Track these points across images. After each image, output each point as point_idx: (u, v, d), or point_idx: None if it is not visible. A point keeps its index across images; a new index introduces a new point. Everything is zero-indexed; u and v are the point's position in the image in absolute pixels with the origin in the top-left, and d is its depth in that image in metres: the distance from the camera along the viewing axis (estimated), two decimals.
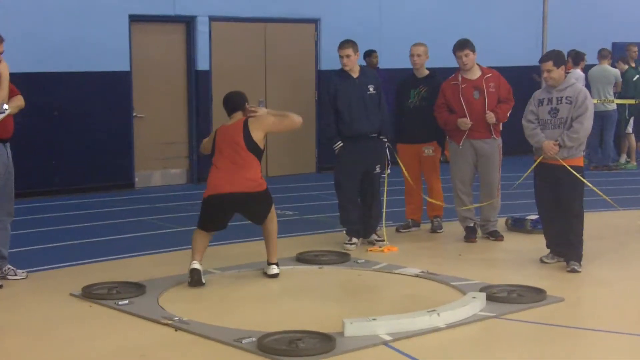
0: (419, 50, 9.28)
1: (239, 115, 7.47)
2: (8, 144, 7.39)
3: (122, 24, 12.41)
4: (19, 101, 7.39)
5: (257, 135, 7.35)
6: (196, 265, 7.21)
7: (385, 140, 8.84)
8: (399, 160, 9.25)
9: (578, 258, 7.70)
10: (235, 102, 7.53)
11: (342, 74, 8.73)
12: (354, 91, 8.65)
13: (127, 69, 12.50)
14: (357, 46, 8.72)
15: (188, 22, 13.06)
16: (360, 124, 8.62)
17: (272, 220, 7.54)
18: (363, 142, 8.64)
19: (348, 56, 8.64)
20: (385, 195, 8.91)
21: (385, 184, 8.93)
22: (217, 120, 12.30)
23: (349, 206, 8.74)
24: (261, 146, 7.41)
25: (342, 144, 8.64)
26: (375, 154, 8.76)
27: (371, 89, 8.71)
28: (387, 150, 8.90)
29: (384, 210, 8.84)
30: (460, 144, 8.87)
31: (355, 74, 8.71)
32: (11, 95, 7.28)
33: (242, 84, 10.92)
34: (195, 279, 7.18)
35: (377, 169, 8.78)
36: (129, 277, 7.38)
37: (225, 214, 7.45)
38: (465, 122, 8.78)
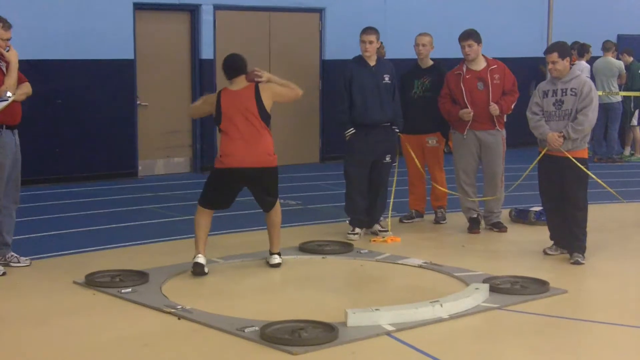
0: (424, 40, 9.26)
1: (241, 80, 7.35)
2: (16, 131, 7.38)
3: (126, 12, 12.37)
4: (26, 88, 7.39)
5: (268, 103, 7.31)
6: (200, 259, 7.19)
7: (397, 130, 8.83)
8: (410, 150, 9.23)
9: (581, 250, 7.69)
10: (239, 66, 7.37)
11: (359, 61, 8.71)
12: (370, 79, 8.62)
13: (131, 57, 12.47)
14: (379, 34, 8.70)
15: (192, 11, 13.03)
16: (374, 112, 8.59)
17: (277, 211, 7.52)
18: (375, 131, 8.61)
19: (371, 42, 8.60)
20: (394, 186, 8.89)
21: (395, 175, 8.92)
22: None
23: (356, 196, 8.72)
24: (269, 113, 7.37)
25: (354, 131, 8.62)
26: (387, 143, 8.72)
27: (386, 79, 8.69)
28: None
29: (391, 200, 8.82)
30: (464, 134, 8.87)
31: (372, 63, 8.69)
32: (19, 82, 7.29)
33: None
34: (197, 272, 7.18)
35: (387, 159, 8.75)
36: (132, 265, 7.38)
37: (235, 190, 7.38)
38: (467, 113, 8.76)
